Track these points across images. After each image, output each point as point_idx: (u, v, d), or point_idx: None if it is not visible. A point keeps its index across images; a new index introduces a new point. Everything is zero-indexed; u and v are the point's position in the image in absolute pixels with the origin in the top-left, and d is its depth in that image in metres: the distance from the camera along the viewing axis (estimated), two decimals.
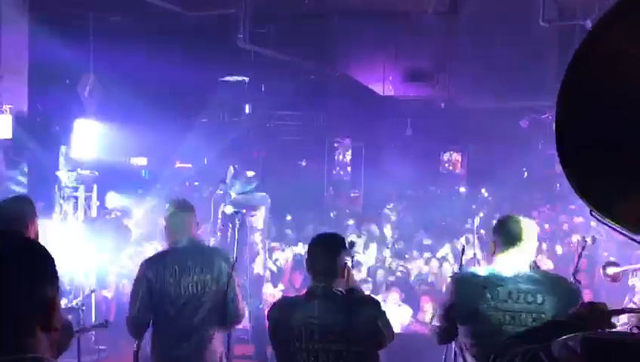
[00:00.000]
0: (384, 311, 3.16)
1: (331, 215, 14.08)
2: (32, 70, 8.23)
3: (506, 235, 3.14)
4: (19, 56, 8.02)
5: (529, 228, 3.16)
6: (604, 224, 1.44)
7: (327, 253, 3.10)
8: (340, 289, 3.07)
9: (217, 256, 4.03)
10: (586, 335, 1.32)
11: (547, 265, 8.31)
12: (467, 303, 3.11)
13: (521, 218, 3.21)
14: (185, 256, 3.96)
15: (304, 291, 3.20)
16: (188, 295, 3.91)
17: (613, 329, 1.74)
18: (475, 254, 6.86)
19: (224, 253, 4.16)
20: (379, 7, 10.34)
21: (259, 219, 9.56)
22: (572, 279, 3.79)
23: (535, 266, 3.20)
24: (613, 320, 1.76)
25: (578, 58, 1.45)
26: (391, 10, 10.66)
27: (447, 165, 16.87)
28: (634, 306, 4.94)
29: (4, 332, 1.21)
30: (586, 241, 4.23)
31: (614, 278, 4.99)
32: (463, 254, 4.52)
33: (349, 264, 3.28)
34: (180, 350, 3.90)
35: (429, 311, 7.92)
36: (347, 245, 3.25)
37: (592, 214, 1.43)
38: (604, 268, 4.94)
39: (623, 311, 2.07)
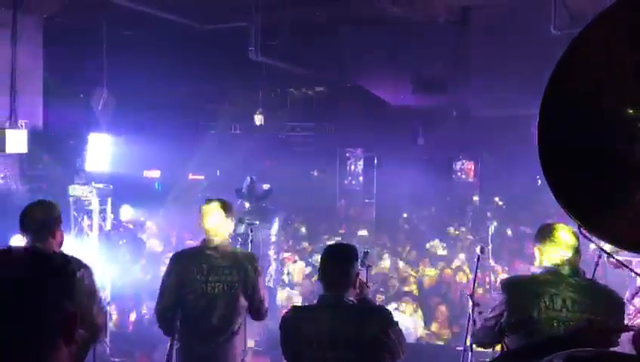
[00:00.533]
0: (396, 322, 3.14)
1: (343, 225, 14.05)
2: (47, 85, 8.34)
3: (548, 242, 3.21)
4: (33, 72, 8.12)
5: (568, 233, 3.21)
6: (591, 241, 1.41)
7: (339, 263, 3.10)
8: (351, 298, 3.07)
9: (244, 258, 4.10)
10: (569, 354, 1.29)
11: None
12: (520, 311, 3.14)
13: (560, 224, 3.27)
14: (214, 255, 4.03)
15: (315, 301, 3.21)
16: (213, 294, 3.97)
17: (615, 348, 1.69)
18: (490, 263, 6.82)
19: (250, 256, 4.23)
20: (389, 17, 10.34)
21: (272, 231, 9.60)
22: None
23: (584, 275, 3.22)
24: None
25: (556, 72, 1.44)
26: (402, 20, 10.66)
27: (459, 173, 16.75)
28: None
29: (33, 346, 1.22)
30: (602, 250, 4.19)
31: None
32: (478, 263, 4.49)
33: (363, 273, 3.28)
34: (205, 346, 3.96)
35: (443, 320, 7.88)
36: (360, 255, 3.25)
37: (580, 231, 1.41)
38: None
39: (627, 328, 2.03)
